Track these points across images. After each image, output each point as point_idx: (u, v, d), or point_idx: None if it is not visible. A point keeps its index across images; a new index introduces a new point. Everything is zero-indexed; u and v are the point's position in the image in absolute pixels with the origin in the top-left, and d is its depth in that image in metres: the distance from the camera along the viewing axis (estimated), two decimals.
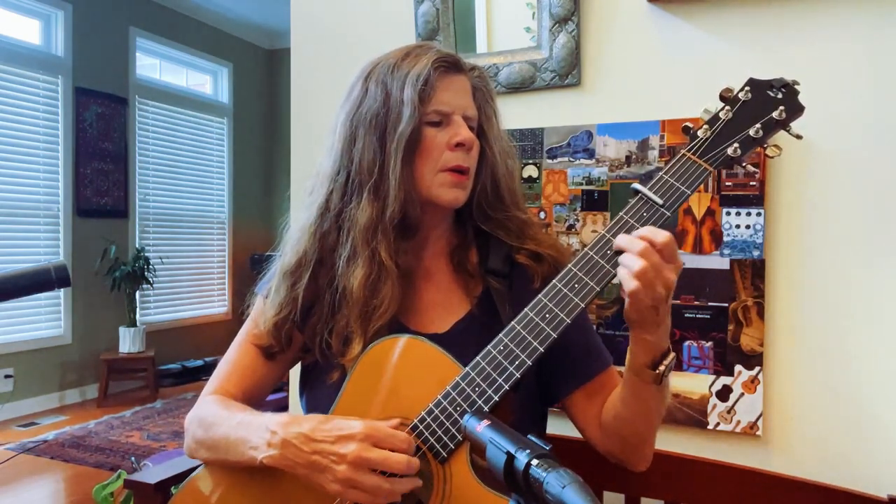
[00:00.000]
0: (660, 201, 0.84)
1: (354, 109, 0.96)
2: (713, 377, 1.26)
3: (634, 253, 0.77)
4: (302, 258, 0.98)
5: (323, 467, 0.81)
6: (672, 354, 0.84)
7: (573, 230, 1.38)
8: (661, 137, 1.30)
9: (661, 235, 0.78)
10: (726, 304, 1.25)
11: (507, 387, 0.82)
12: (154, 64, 5.59)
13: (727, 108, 0.88)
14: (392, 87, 0.93)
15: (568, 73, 1.37)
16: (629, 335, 0.84)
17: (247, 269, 5.92)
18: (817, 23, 1.20)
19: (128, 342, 4.89)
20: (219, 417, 0.93)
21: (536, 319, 0.84)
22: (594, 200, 1.36)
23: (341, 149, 0.97)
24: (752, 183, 1.23)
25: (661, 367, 0.83)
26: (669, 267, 0.78)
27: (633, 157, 1.32)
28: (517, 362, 0.83)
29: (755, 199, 1.23)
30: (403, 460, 0.80)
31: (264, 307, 1.01)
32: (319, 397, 0.97)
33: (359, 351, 0.92)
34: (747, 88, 0.88)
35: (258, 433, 0.86)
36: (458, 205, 0.97)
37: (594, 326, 1.09)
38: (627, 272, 0.77)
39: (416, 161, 0.94)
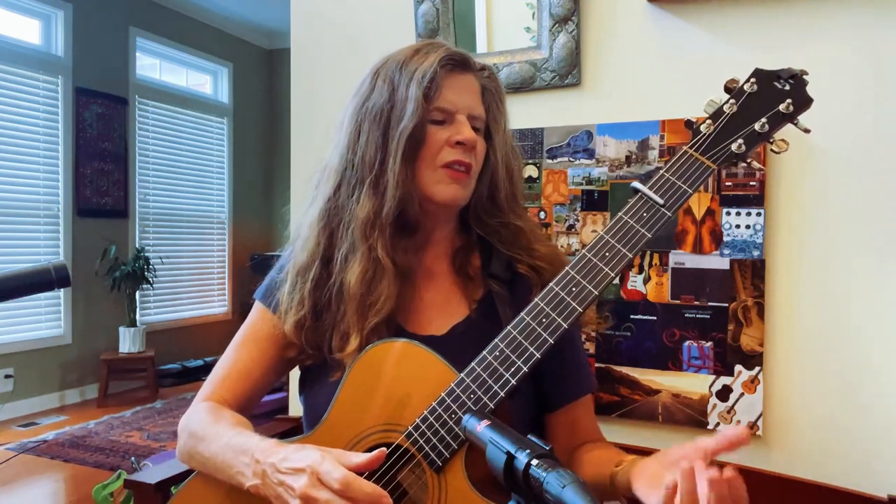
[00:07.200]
0: (660, 201, 0.81)
1: (361, 104, 0.96)
2: (713, 377, 1.26)
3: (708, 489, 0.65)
4: (313, 254, 0.98)
5: (285, 501, 0.79)
6: None
7: (573, 230, 1.38)
8: (661, 137, 1.30)
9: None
10: (726, 304, 1.25)
11: (502, 394, 0.81)
12: (154, 64, 5.58)
13: (732, 101, 0.84)
14: (399, 83, 0.93)
15: (568, 73, 1.37)
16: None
17: (247, 269, 5.90)
18: (817, 22, 1.20)
19: (128, 342, 4.89)
20: (209, 432, 0.92)
21: (533, 324, 0.82)
22: (594, 200, 1.36)
23: (347, 143, 0.97)
24: (752, 183, 1.23)
25: None
26: None
27: (633, 157, 1.32)
28: (513, 368, 0.81)
29: (755, 199, 1.23)
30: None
31: (280, 307, 0.99)
32: (319, 395, 0.96)
33: (355, 347, 0.91)
34: (753, 80, 0.85)
35: (244, 459, 0.85)
36: (457, 203, 0.96)
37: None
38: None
39: (418, 158, 0.93)
